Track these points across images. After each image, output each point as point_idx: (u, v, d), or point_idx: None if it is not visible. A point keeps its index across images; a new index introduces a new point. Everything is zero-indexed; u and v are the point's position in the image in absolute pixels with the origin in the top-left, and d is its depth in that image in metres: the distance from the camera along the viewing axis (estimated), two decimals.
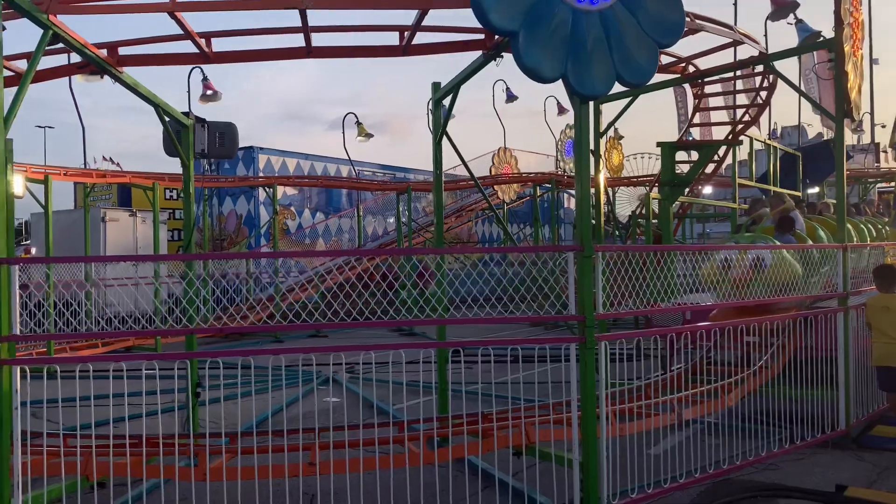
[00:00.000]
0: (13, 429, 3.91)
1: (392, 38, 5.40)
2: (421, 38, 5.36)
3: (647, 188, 14.34)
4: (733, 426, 5.97)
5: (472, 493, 4.40)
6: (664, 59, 7.07)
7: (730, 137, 9.56)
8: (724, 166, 12.97)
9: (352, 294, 4.63)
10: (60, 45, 4.88)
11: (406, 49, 5.35)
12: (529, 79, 4.16)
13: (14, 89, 4.43)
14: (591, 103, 4.82)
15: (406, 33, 5.31)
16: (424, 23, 5.13)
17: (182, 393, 6.18)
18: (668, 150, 9.07)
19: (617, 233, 13.83)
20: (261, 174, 20.04)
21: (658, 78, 7.38)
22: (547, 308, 4.54)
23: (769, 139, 14.26)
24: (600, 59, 4.20)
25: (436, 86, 6.43)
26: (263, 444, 4.74)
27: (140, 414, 5.85)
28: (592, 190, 5.26)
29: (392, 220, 22.47)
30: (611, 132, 22.68)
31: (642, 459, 4.84)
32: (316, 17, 4.94)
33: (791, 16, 11.28)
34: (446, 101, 6.22)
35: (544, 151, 27.69)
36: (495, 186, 20.80)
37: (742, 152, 13.66)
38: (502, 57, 5.24)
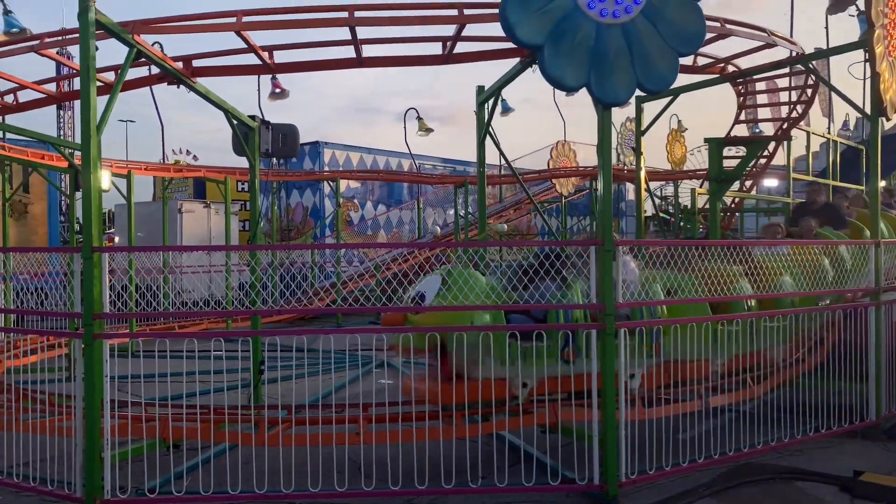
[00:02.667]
0: (104, 395, 4.58)
1: (436, 48, 5.85)
2: (462, 47, 5.79)
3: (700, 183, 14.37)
4: (766, 416, 6.18)
5: (500, 464, 4.84)
6: (701, 61, 7.29)
7: (778, 134, 9.61)
8: (792, 160, 12.88)
9: (413, 281, 5.13)
10: (143, 59, 5.54)
11: (448, 58, 5.79)
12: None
13: (104, 99, 5.09)
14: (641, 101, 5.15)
15: (448, 43, 5.75)
16: (465, 33, 5.56)
17: (246, 372, 6.85)
18: (715, 145, 9.21)
19: (660, 228, 13.91)
20: (326, 168, 20.85)
21: (696, 78, 7.62)
22: (570, 297, 4.92)
23: (827, 133, 14.05)
24: (622, 68, 4.54)
25: (480, 89, 6.86)
26: (316, 417, 5.30)
27: (209, 390, 6.54)
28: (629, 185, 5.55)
29: (451, 212, 22.97)
30: (673, 124, 22.55)
31: (669, 443, 5.16)
32: (365, 30, 5.43)
33: (853, 7, 11.18)
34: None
35: None
36: (553, 180, 21.04)
37: (801, 147, 13.55)
38: (537, 63, 5.62)
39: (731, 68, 7.63)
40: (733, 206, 12.03)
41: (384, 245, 22.15)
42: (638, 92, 4.72)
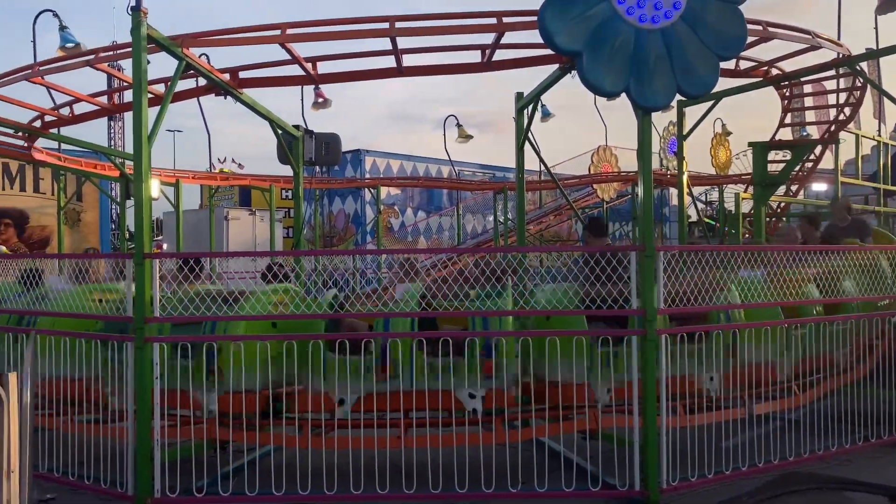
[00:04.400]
0: (154, 396, 4.73)
1: (475, 56, 5.91)
2: (501, 54, 5.84)
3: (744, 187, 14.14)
4: (813, 424, 6.06)
5: (540, 470, 4.84)
6: (744, 64, 7.20)
7: (825, 137, 9.42)
8: (842, 164, 12.60)
9: (453, 287, 5.19)
10: (191, 71, 5.72)
11: (487, 65, 5.85)
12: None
13: (155, 110, 5.29)
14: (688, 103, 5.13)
15: (487, 51, 5.81)
16: (503, 41, 5.61)
17: None
18: (760, 149, 9.08)
19: (704, 233, 13.72)
20: (367, 175, 21.10)
21: (739, 82, 7.53)
22: (610, 303, 4.91)
23: (878, 136, 13.70)
24: (661, 73, 4.54)
25: (519, 95, 6.89)
26: (358, 420, 5.37)
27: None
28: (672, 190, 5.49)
29: (491, 218, 23.00)
30: (717, 128, 22.23)
31: (712, 450, 5.11)
32: (405, 40, 5.52)
33: None
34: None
35: None
36: (594, 185, 20.92)
37: (850, 150, 13.23)
38: (576, 69, 5.64)
39: (774, 71, 7.52)
40: (779, 210, 11.82)
41: (425, 251, 22.27)
42: (679, 96, 4.70)
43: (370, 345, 5.06)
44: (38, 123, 7.97)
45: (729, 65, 7.04)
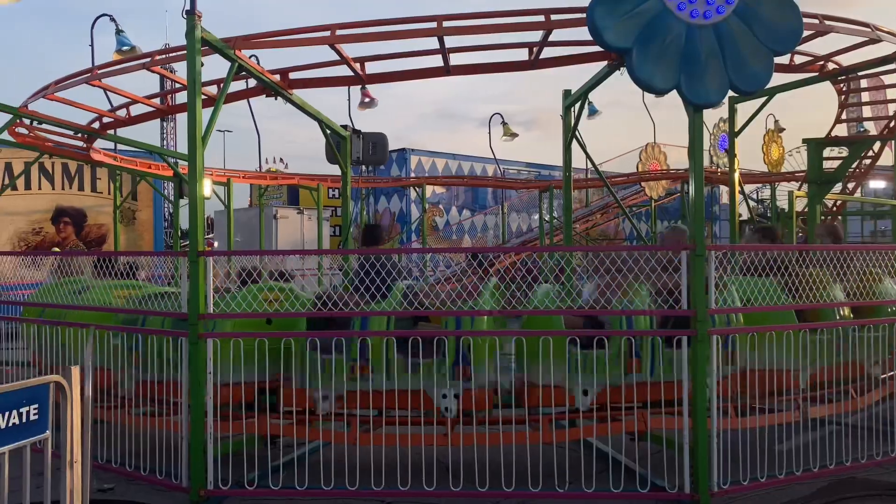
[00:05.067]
0: (207, 391, 4.85)
1: (522, 54, 5.89)
2: (548, 52, 5.81)
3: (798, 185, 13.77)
4: (872, 429, 5.89)
5: (587, 471, 4.81)
6: (799, 59, 7.01)
7: (884, 133, 9.11)
8: None
9: (501, 286, 5.20)
10: (243, 73, 5.83)
11: (534, 63, 5.83)
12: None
13: (207, 111, 5.40)
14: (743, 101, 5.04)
15: (534, 49, 5.78)
16: (551, 38, 5.58)
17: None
18: (814, 146, 8.83)
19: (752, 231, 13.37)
20: (412, 174, 21.20)
21: (794, 77, 7.34)
22: (660, 303, 4.85)
23: None
24: (714, 70, 4.46)
25: (566, 93, 6.85)
26: (406, 417, 5.41)
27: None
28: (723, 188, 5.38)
29: (536, 216, 22.88)
30: (770, 125, 21.70)
31: (765, 454, 5.00)
32: (452, 39, 5.54)
33: None
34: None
35: None
36: (642, 183, 20.63)
37: None
38: (625, 66, 5.58)
39: (831, 66, 7.31)
40: (835, 209, 11.49)
41: (469, 249, 22.29)
42: (731, 92, 4.61)
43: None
44: (96, 125, 8.23)
45: (783, 60, 6.86)
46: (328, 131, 7.37)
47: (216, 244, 20.15)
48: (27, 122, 7.88)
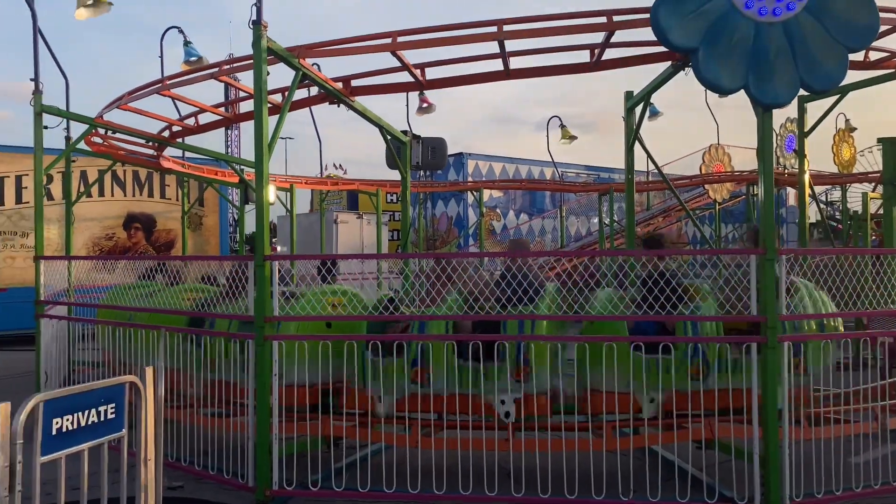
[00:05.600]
0: (272, 392, 4.95)
1: (583, 56, 5.83)
2: (610, 53, 5.74)
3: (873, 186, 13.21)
4: None
5: (652, 480, 4.71)
6: (874, 55, 6.72)
7: None
8: None
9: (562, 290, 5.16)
10: (306, 80, 5.95)
11: (596, 65, 5.76)
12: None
13: (274, 119, 5.53)
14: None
15: (596, 51, 5.72)
16: (613, 40, 5.51)
17: None
18: (890, 145, 8.47)
19: (825, 235, 12.88)
20: (469, 178, 21.21)
21: (868, 74, 7.04)
22: (728, 308, 4.72)
23: None
24: (783, 68, 4.33)
25: (628, 95, 6.75)
26: (466, 421, 5.42)
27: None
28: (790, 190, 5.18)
29: (595, 220, 22.60)
30: (841, 124, 20.93)
31: (840, 466, 4.81)
32: (512, 42, 5.51)
33: None
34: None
35: None
36: (706, 186, 20.14)
37: None
38: (690, 66, 5.46)
39: None
40: None
41: (526, 254, 22.17)
42: (801, 91, 4.46)
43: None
44: (166, 133, 8.52)
45: (857, 56, 6.59)
46: (389, 137, 7.44)
47: (279, 248, 20.57)
48: (102, 131, 8.21)
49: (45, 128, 7.48)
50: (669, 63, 5.63)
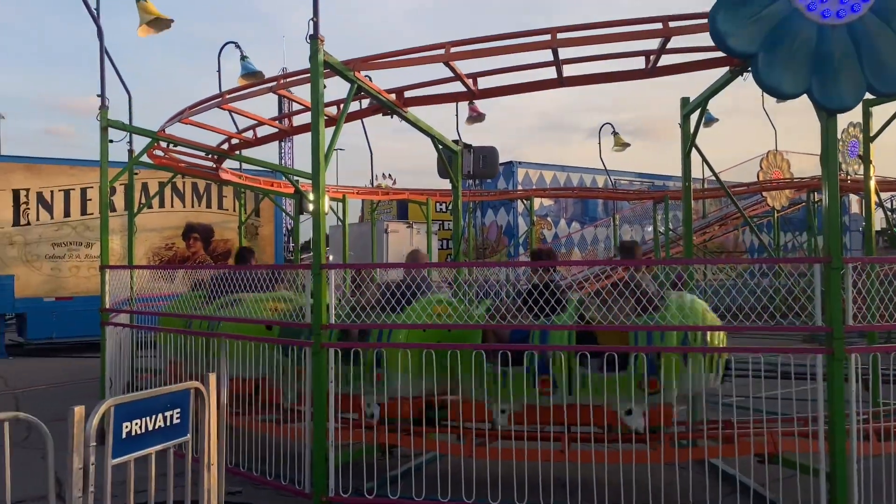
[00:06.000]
0: (329, 400, 5.01)
1: (638, 63, 5.78)
2: (666, 59, 5.66)
3: None
4: None
5: (712, 494, 4.60)
6: None
7: None
8: None
9: (607, 300, 5.09)
10: (361, 92, 6.03)
11: (651, 71, 5.69)
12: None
13: (330, 131, 5.62)
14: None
15: (651, 57, 5.65)
16: (669, 45, 5.43)
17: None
18: None
19: (892, 243, 12.42)
20: (519, 187, 21.12)
21: None
22: (791, 319, 4.59)
23: None
24: (848, 72, 4.20)
25: (684, 101, 6.64)
26: (521, 431, 5.39)
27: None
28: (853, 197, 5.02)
29: (650, 228, 22.24)
30: None
31: None
32: (565, 50, 5.49)
33: None
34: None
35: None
36: (764, 193, 19.66)
37: None
38: (748, 71, 5.34)
39: None
40: None
41: (578, 263, 21.93)
42: (868, 94, 4.33)
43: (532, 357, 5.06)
44: (224, 146, 8.74)
45: None
46: (440, 146, 7.48)
47: (331, 257, 20.86)
48: (164, 144, 8.48)
49: (111, 142, 7.77)
50: (727, 68, 5.52)
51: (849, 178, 19.19)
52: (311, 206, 9.18)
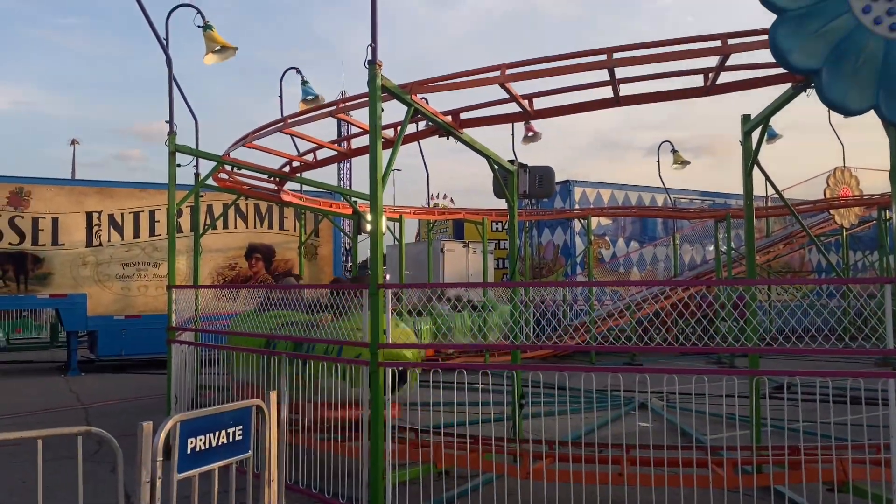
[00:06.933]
0: (385, 420, 5.05)
1: (696, 80, 5.70)
2: (725, 76, 5.58)
3: None
4: None
5: None
6: None
7: None
8: None
9: (666, 321, 5.02)
10: (418, 115, 6.12)
11: (710, 89, 5.61)
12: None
13: (387, 153, 5.72)
14: None
15: (710, 75, 5.58)
16: (728, 63, 5.35)
17: (509, 406, 7.09)
18: None
19: None
20: (576, 206, 20.98)
21: None
22: (860, 342, 4.42)
23: None
24: None
25: (745, 118, 6.51)
26: (578, 454, 5.32)
27: (476, 420, 6.91)
28: None
29: (711, 248, 21.76)
30: None
31: None
32: (622, 69, 5.46)
33: None
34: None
35: None
36: (832, 211, 19.02)
37: None
38: (812, 87, 5.22)
39: None
40: None
41: (637, 283, 21.58)
42: None
43: None
44: (286, 169, 8.98)
45: None
46: (496, 166, 7.51)
47: (388, 276, 21.07)
48: (228, 167, 8.76)
49: (178, 166, 8.07)
50: (789, 84, 5.40)
51: None
52: (368, 227, 9.32)
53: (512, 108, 6.32)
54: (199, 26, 8.97)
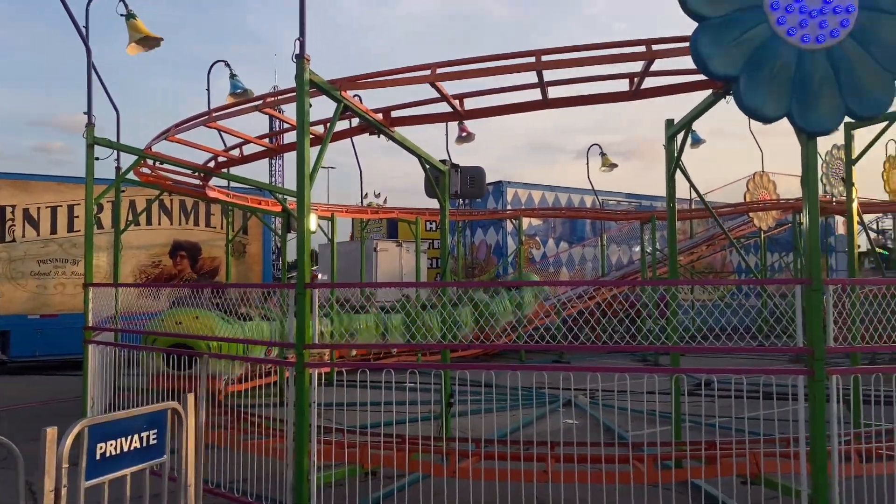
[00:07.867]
0: (311, 421, 4.97)
1: (623, 85, 5.83)
2: (650, 81, 5.72)
3: None
4: None
5: None
6: None
7: None
8: None
9: (590, 320, 5.11)
10: (347, 112, 6.05)
11: (636, 94, 5.74)
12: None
13: (315, 150, 5.62)
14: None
15: (636, 79, 5.71)
16: (652, 68, 5.49)
17: (437, 405, 7.09)
18: None
19: (877, 264, 12.53)
20: (508, 206, 21.21)
21: None
22: (773, 340, 4.61)
23: None
24: (828, 95, 4.27)
25: (669, 122, 6.69)
26: (504, 452, 5.36)
27: (403, 419, 6.87)
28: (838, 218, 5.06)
29: (637, 248, 22.34)
30: (891, 150, 20.47)
31: None
32: (551, 72, 5.53)
33: None
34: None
35: None
36: (751, 213, 19.82)
37: None
38: (731, 94, 5.40)
39: None
40: None
41: (566, 283, 21.98)
42: (848, 118, 4.39)
43: None
44: (211, 164, 8.73)
45: None
46: (427, 166, 7.51)
47: (321, 276, 20.80)
48: (151, 162, 8.46)
49: (97, 159, 7.74)
50: (710, 91, 5.58)
51: (834, 200, 19.38)
52: None
53: (443, 107, 6.32)
54: (121, 15, 8.62)
